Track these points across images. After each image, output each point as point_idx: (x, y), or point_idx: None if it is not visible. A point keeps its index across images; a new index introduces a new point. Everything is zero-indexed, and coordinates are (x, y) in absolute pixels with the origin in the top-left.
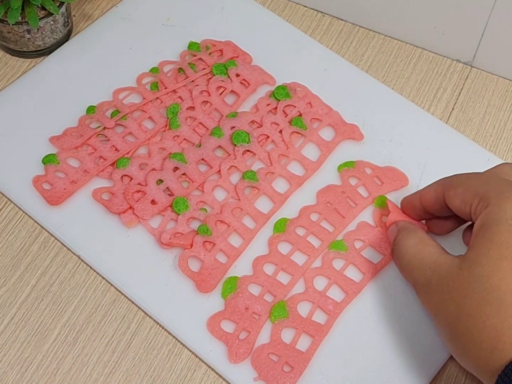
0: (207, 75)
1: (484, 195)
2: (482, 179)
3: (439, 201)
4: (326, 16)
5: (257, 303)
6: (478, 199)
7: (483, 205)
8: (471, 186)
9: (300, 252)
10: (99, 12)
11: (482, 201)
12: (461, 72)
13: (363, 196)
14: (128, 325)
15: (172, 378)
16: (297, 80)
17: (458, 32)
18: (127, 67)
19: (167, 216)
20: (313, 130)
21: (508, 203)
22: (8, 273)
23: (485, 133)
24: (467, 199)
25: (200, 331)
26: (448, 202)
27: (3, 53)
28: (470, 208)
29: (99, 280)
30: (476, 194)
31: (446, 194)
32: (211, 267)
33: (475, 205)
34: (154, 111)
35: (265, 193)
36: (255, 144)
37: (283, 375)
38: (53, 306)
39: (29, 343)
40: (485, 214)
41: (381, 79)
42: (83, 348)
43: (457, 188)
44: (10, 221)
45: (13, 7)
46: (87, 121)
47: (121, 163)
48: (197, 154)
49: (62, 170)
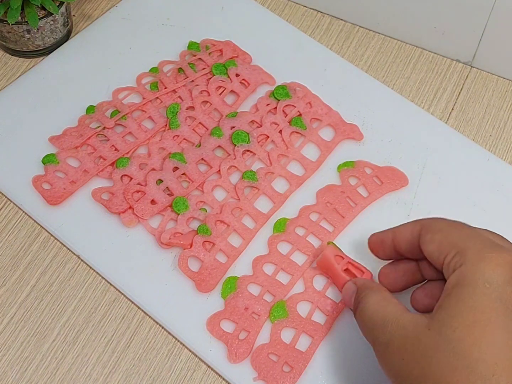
0: (207, 75)
1: (462, 250)
2: (463, 231)
3: (414, 241)
4: (326, 16)
5: (256, 303)
6: (454, 252)
7: (458, 261)
8: (450, 236)
9: (300, 252)
10: (99, 12)
11: (459, 256)
12: (461, 72)
13: (363, 196)
14: (128, 325)
15: (172, 378)
16: (297, 80)
17: (458, 32)
18: (127, 67)
19: (166, 216)
20: (313, 130)
21: (487, 265)
22: (8, 273)
23: (485, 133)
24: (443, 248)
25: (199, 331)
26: (423, 245)
27: (3, 53)
28: (444, 259)
29: (99, 280)
30: (453, 245)
31: (422, 235)
32: (210, 267)
33: (450, 257)
34: (154, 111)
35: (265, 193)
36: (255, 144)
37: (282, 375)
38: (52, 306)
39: (29, 342)
40: (461, 273)
41: (381, 79)
42: (83, 348)
43: (436, 233)
44: (10, 221)
45: (13, 7)
46: (86, 121)
47: (120, 163)
48: (196, 154)
49: (61, 170)
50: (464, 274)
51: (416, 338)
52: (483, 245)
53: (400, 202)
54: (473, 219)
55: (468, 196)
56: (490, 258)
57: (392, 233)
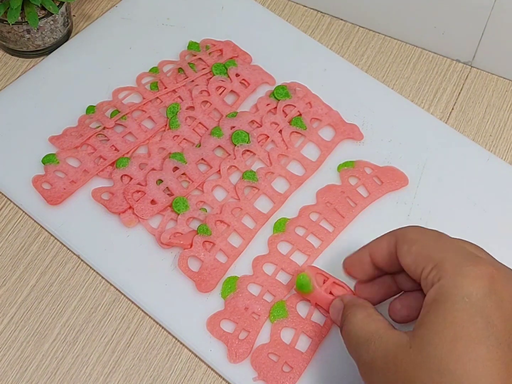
0: (207, 75)
1: (439, 263)
2: (439, 242)
3: (391, 254)
4: (326, 16)
5: (256, 303)
6: (431, 265)
7: (436, 275)
8: (426, 248)
9: (300, 252)
10: (99, 12)
11: (436, 270)
12: (461, 72)
13: (362, 196)
14: (128, 325)
15: (172, 378)
16: (296, 80)
17: (458, 32)
18: (127, 67)
19: (166, 216)
20: (313, 130)
21: (465, 279)
22: (8, 273)
23: (485, 133)
24: (419, 261)
25: (199, 331)
26: (400, 257)
27: (3, 53)
28: (422, 272)
29: (99, 280)
30: (430, 259)
31: (398, 247)
32: (210, 267)
33: (427, 271)
34: (154, 111)
35: (265, 193)
36: (255, 144)
37: (282, 375)
38: (52, 306)
39: (29, 342)
40: (439, 288)
41: (381, 79)
42: (83, 348)
43: (411, 245)
44: (10, 221)
45: (13, 7)
46: (86, 121)
47: (120, 163)
48: (197, 154)
49: (61, 170)
50: (443, 289)
51: (398, 357)
52: (460, 257)
53: (400, 202)
54: (473, 219)
55: (468, 196)
56: (468, 271)
57: (369, 250)
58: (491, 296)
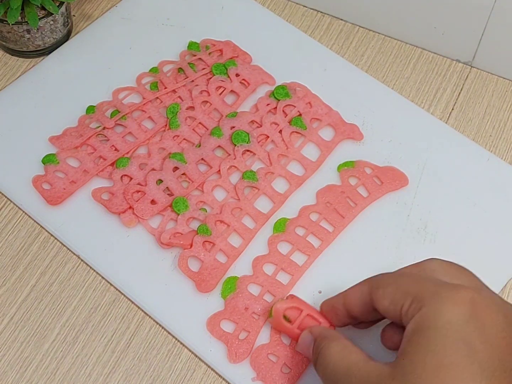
0: (207, 75)
1: (417, 295)
2: (413, 277)
3: (365, 302)
4: (326, 16)
5: (256, 303)
6: (410, 299)
7: (416, 307)
8: (401, 285)
9: (300, 252)
10: (99, 12)
11: (415, 302)
12: (461, 72)
13: (362, 196)
14: (128, 325)
15: (172, 378)
16: (297, 80)
17: (458, 32)
18: (127, 67)
19: (166, 216)
20: (313, 130)
21: (445, 306)
22: (7, 273)
23: (485, 133)
24: (397, 299)
25: (199, 331)
26: (376, 303)
27: (3, 53)
28: (401, 309)
29: (99, 280)
30: (407, 293)
31: (373, 294)
32: (210, 267)
33: (406, 306)
34: (154, 111)
35: (265, 193)
36: (255, 144)
37: (281, 376)
38: (52, 306)
39: (29, 342)
40: (420, 317)
41: (381, 79)
42: (83, 348)
43: (386, 288)
44: (10, 221)
45: (13, 7)
46: (86, 121)
47: (120, 163)
48: (196, 154)
49: (61, 170)
50: (423, 318)
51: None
52: (437, 286)
53: (400, 202)
54: (473, 219)
55: (468, 196)
56: (448, 298)
57: (343, 299)
58: (472, 322)
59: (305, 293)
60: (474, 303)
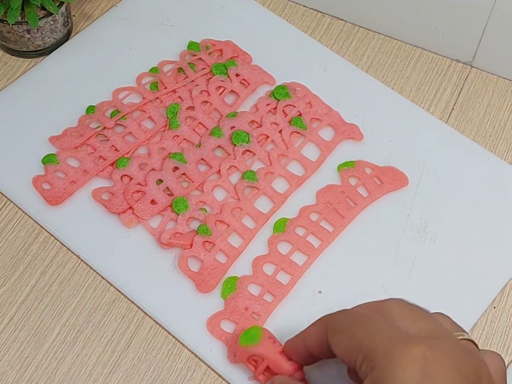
0: (207, 75)
1: (369, 353)
2: (367, 326)
3: (324, 344)
4: (326, 16)
5: (256, 303)
6: (362, 356)
7: (368, 366)
8: (354, 336)
9: (300, 252)
10: (99, 12)
11: (367, 361)
12: (461, 72)
13: (363, 196)
14: (128, 325)
15: (172, 378)
16: (297, 80)
17: (458, 32)
18: (127, 67)
19: (166, 216)
20: (313, 130)
21: (396, 369)
22: (8, 273)
23: (485, 133)
24: (350, 351)
25: (199, 331)
26: (332, 347)
27: (3, 53)
28: (355, 363)
29: (99, 280)
30: (360, 349)
31: (329, 337)
32: (210, 267)
33: (359, 362)
34: (154, 111)
35: (265, 193)
36: (255, 144)
37: None
38: (52, 306)
39: (29, 343)
40: (371, 380)
41: (381, 79)
42: (83, 348)
43: (340, 335)
44: (10, 221)
45: (13, 7)
46: (86, 121)
47: (120, 163)
48: (197, 154)
49: (61, 170)
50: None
51: None
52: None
53: (400, 202)
54: (473, 219)
55: (468, 196)
56: (399, 359)
57: (303, 338)
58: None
59: (305, 293)
60: (426, 362)
